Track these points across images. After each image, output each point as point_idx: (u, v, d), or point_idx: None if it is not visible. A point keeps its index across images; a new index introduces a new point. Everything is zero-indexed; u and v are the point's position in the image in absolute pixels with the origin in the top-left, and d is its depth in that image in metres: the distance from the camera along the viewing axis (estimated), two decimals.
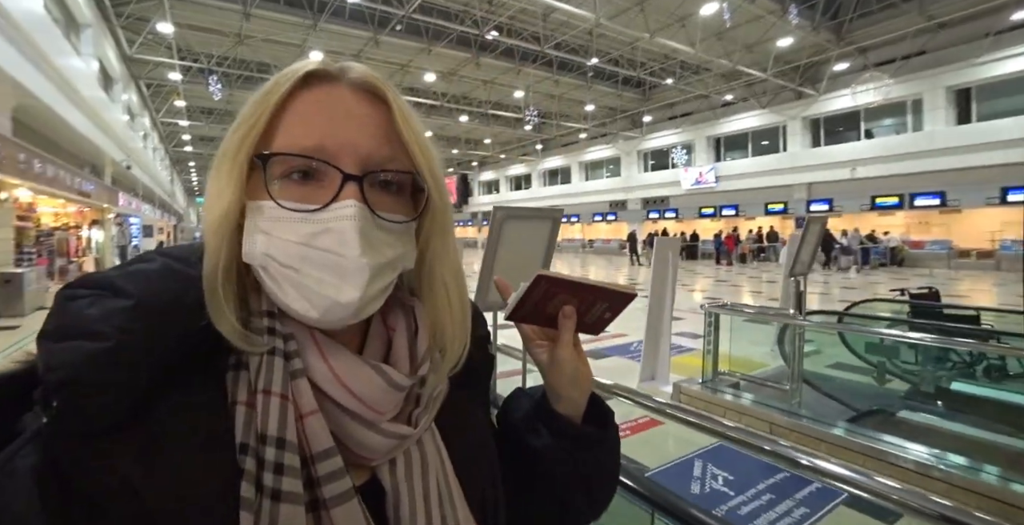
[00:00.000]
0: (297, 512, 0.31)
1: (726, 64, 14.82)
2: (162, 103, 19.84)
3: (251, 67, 16.00)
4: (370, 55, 16.06)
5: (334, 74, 0.38)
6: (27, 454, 0.30)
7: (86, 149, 11.62)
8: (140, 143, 17.05)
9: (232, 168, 0.36)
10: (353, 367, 0.36)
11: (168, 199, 27.89)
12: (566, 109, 22.73)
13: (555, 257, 12.33)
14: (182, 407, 0.32)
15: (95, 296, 0.31)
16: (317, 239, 0.34)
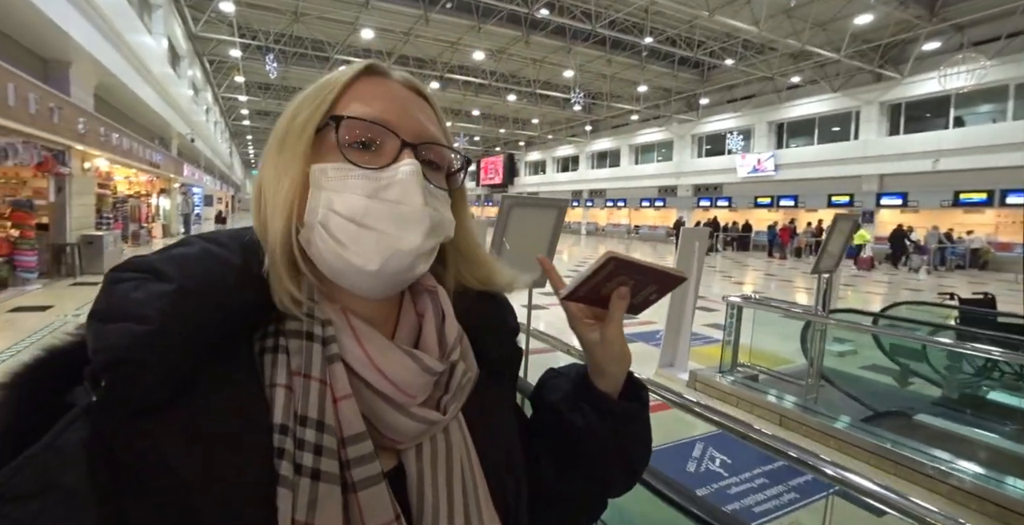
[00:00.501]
0: (333, 491, 0.33)
1: (794, 44, 13.88)
2: (223, 79, 21.04)
3: (306, 45, 16.61)
4: (420, 33, 16.27)
5: (385, 71, 0.43)
6: (76, 430, 0.32)
7: (155, 123, 12.63)
8: (203, 117, 18.25)
9: (299, 141, 0.38)
10: (387, 351, 0.38)
11: (227, 170, 29.75)
12: (618, 89, 22.12)
13: (599, 241, 12.59)
14: (221, 388, 0.34)
15: (140, 280, 0.33)
16: (381, 193, 0.37)
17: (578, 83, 19.56)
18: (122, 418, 0.31)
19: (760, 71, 17.33)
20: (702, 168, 22.45)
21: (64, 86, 6.82)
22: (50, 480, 0.30)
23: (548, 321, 5.51)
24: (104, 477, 0.31)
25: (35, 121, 5.32)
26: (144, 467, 0.31)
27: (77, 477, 0.30)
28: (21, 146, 5.38)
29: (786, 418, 2.92)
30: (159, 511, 0.31)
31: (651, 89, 21.53)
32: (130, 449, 0.31)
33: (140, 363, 0.31)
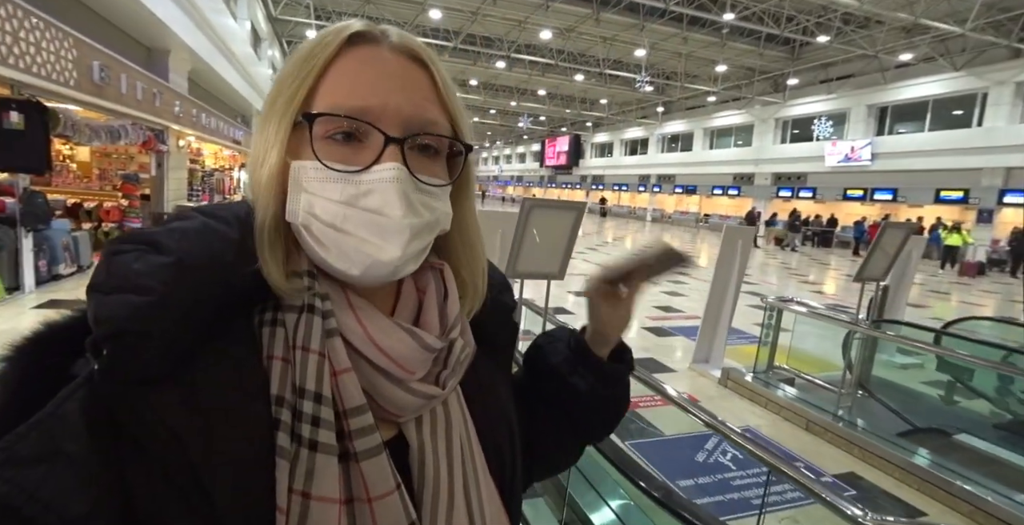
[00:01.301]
0: (331, 462, 0.34)
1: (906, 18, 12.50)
2: None
3: None
4: (487, 12, 16.40)
5: (377, 36, 0.40)
6: (78, 399, 0.33)
7: (237, 102, 13.88)
8: None
9: (279, 127, 0.38)
10: (386, 328, 0.38)
11: None
12: (694, 68, 21.09)
13: (664, 229, 12.60)
14: (221, 359, 0.35)
15: (139, 252, 0.34)
16: (360, 200, 0.36)
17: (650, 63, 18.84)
18: (124, 388, 0.32)
19: (862, 48, 15.77)
20: (785, 155, 21.00)
21: (164, 72, 7.75)
22: (54, 446, 0.31)
23: None
24: (106, 444, 0.32)
25: (141, 105, 6.17)
26: (147, 435, 0.32)
27: (80, 444, 0.31)
28: (131, 127, 6.27)
29: (812, 423, 2.93)
30: (162, 477, 0.32)
31: (732, 68, 20.31)
32: (132, 417, 0.32)
33: (140, 334, 0.32)
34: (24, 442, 0.31)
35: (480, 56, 20.50)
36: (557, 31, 17.52)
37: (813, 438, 2.89)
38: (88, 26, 5.81)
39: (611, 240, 16.24)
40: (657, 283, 0.55)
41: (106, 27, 6.43)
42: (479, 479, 0.42)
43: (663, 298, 6.63)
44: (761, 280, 9.13)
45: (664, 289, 7.23)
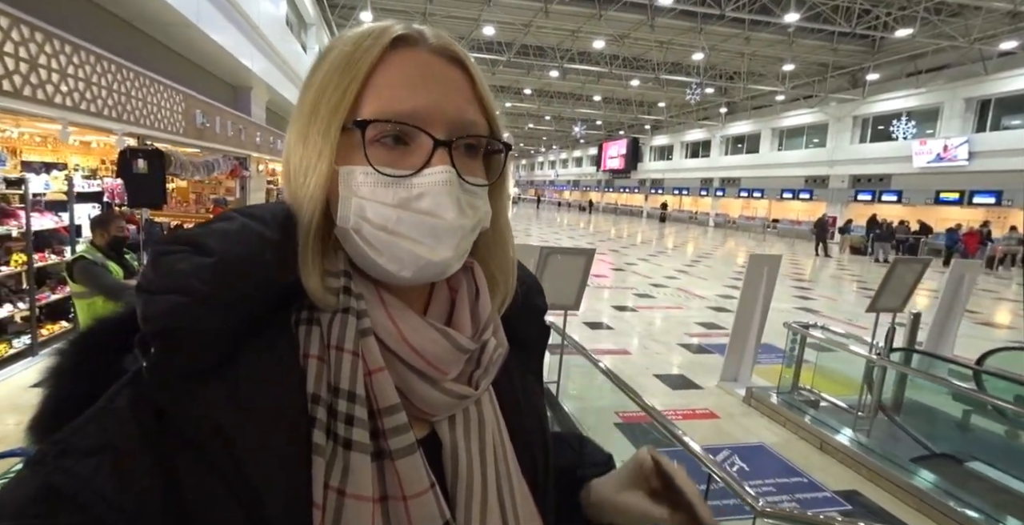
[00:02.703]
0: (365, 460, 0.36)
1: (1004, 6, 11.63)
2: None
3: None
4: (540, 24, 17.03)
5: (416, 39, 0.41)
6: (128, 394, 0.35)
7: None
8: None
9: (327, 135, 0.39)
10: (419, 329, 0.40)
11: None
12: (758, 67, 20.50)
13: (730, 236, 12.83)
14: (261, 358, 0.37)
15: (184, 253, 0.36)
16: (412, 203, 0.38)
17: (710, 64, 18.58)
18: (170, 383, 0.35)
19: (953, 38, 14.71)
20: (864, 156, 19.85)
21: (246, 107, 8.98)
22: (107, 439, 0.33)
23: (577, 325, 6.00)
24: (155, 437, 0.34)
25: (230, 141, 7.29)
26: (193, 428, 0.34)
27: (130, 436, 0.34)
28: (222, 159, 7.40)
29: (826, 444, 3.15)
30: (208, 469, 0.34)
31: (801, 65, 19.58)
32: (179, 411, 0.35)
33: (186, 331, 0.34)
34: (79, 435, 0.34)
35: (534, 67, 21.15)
36: (611, 38, 17.80)
37: (824, 457, 3.11)
38: (187, 74, 7.01)
39: (671, 247, 16.15)
40: None
41: (201, 73, 7.66)
42: (512, 478, 0.43)
43: (708, 314, 6.79)
44: (821, 295, 8.92)
45: (710, 304, 7.37)
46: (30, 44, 3.30)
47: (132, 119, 4.64)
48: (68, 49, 3.68)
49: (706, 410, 3.73)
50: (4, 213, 3.96)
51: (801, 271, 12.09)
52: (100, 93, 4.11)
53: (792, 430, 3.41)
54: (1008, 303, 9.32)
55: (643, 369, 4.53)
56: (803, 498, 2.68)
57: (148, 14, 5.26)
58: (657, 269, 10.78)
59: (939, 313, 4.38)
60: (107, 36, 5.01)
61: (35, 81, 3.38)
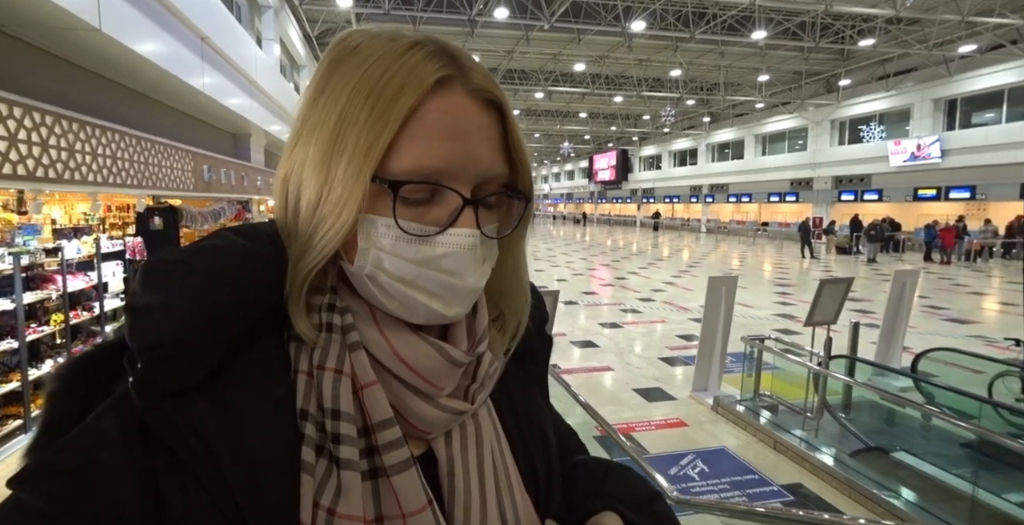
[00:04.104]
0: (355, 478, 0.35)
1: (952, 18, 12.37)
2: None
3: None
4: (522, 50, 17.81)
5: (455, 78, 0.39)
6: (115, 413, 0.35)
7: None
8: None
9: (356, 184, 0.37)
10: (412, 343, 0.40)
11: None
12: (735, 78, 21.30)
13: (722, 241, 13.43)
14: (252, 374, 0.37)
15: (170, 271, 0.36)
16: (435, 262, 0.38)
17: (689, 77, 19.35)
18: (157, 399, 0.34)
19: (914, 45, 15.47)
20: (844, 157, 20.54)
21: (246, 153, 9.58)
22: (89, 458, 0.33)
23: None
24: (141, 454, 0.34)
25: (234, 188, 7.85)
26: (180, 445, 0.34)
27: (115, 455, 0.33)
28: (227, 206, 7.96)
29: (779, 443, 3.59)
30: (195, 487, 0.33)
31: (777, 74, 20.37)
32: (166, 428, 0.34)
33: (171, 347, 0.33)
34: (62, 454, 0.34)
35: (519, 90, 21.93)
36: (591, 59, 18.59)
37: (777, 456, 3.55)
38: (192, 129, 7.60)
39: (661, 257, 16.66)
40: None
41: (204, 127, 8.26)
42: (514, 494, 0.42)
43: (689, 326, 7.24)
44: (800, 300, 9.37)
45: (693, 316, 7.83)
46: (68, 135, 3.85)
47: (150, 183, 5.19)
48: (97, 132, 4.23)
49: (677, 419, 4.18)
50: (44, 279, 4.47)
51: (785, 275, 12.55)
52: (124, 166, 4.66)
53: (751, 433, 3.85)
54: (975, 297, 9.76)
55: (624, 384, 4.98)
56: (752, 492, 3.13)
57: (160, 86, 5.84)
58: (647, 282, 11.24)
59: (886, 319, 4.85)
60: (122, 107, 5.59)
61: (72, 165, 3.92)
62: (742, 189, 26.21)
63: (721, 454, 3.62)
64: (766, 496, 3.10)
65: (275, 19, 10.65)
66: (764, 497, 3.09)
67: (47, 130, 3.61)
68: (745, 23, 15.04)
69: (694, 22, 14.63)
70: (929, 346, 5.14)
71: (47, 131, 3.61)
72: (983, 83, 16.00)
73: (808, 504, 2.98)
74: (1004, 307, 8.88)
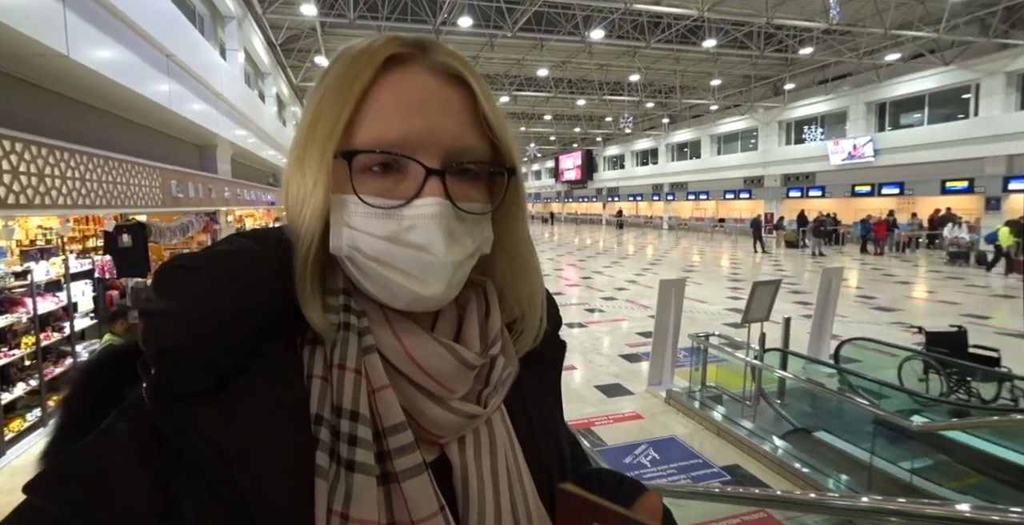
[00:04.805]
0: (369, 483, 0.35)
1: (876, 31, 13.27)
2: None
3: None
4: (487, 56, 17.97)
5: (412, 56, 0.39)
6: (129, 419, 0.35)
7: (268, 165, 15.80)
8: None
9: (321, 163, 0.38)
10: (424, 345, 0.39)
11: None
12: (691, 82, 22.06)
13: (682, 237, 13.93)
14: (264, 378, 0.36)
15: (182, 276, 0.36)
16: (402, 236, 0.38)
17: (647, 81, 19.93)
18: (170, 405, 0.34)
19: (847, 53, 16.49)
20: (791, 156, 21.60)
21: (213, 164, 9.46)
22: (103, 464, 0.33)
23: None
24: (154, 460, 0.34)
25: (202, 201, 7.78)
26: (191, 450, 0.34)
27: (128, 460, 0.33)
28: (195, 219, 7.88)
29: (722, 430, 3.97)
30: (208, 493, 0.33)
31: (729, 77, 21.21)
32: (178, 433, 0.34)
33: (182, 351, 0.34)
34: (75, 461, 0.34)
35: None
36: (553, 64, 18.93)
37: (720, 441, 3.93)
38: (158, 142, 7.50)
39: (632, 252, 17.22)
40: None
41: (170, 140, 8.15)
42: (528, 501, 0.41)
43: (648, 323, 7.61)
44: None
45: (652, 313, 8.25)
46: (38, 160, 3.86)
47: (118, 202, 5.17)
48: (66, 155, 4.23)
49: (633, 412, 4.52)
50: (13, 302, 4.44)
51: (738, 271, 13.21)
52: (92, 186, 4.65)
53: (699, 422, 4.22)
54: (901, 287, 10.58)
55: (586, 382, 5.30)
56: (696, 474, 3.48)
57: (123, 102, 5.80)
58: (610, 281, 11.65)
59: (816, 312, 5.34)
60: (87, 125, 5.54)
61: (43, 190, 3.92)
62: (700, 187, 27.15)
63: (671, 442, 3.97)
64: (707, 477, 3.45)
65: (239, 29, 10.50)
66: (705, 478, 3.44)
67: (17, 157, 3.62)
68: (697, 32, 15.66)
69: (649, 30, 15.13)
70: (858, 334, 5.68)
71: (17, 158, 3.62)
72: (907, 88, 17.21)
73: (743, 482, 3.35)
74: (923, 295, 9.70)
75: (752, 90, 21.59)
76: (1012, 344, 6.10)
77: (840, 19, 12.34)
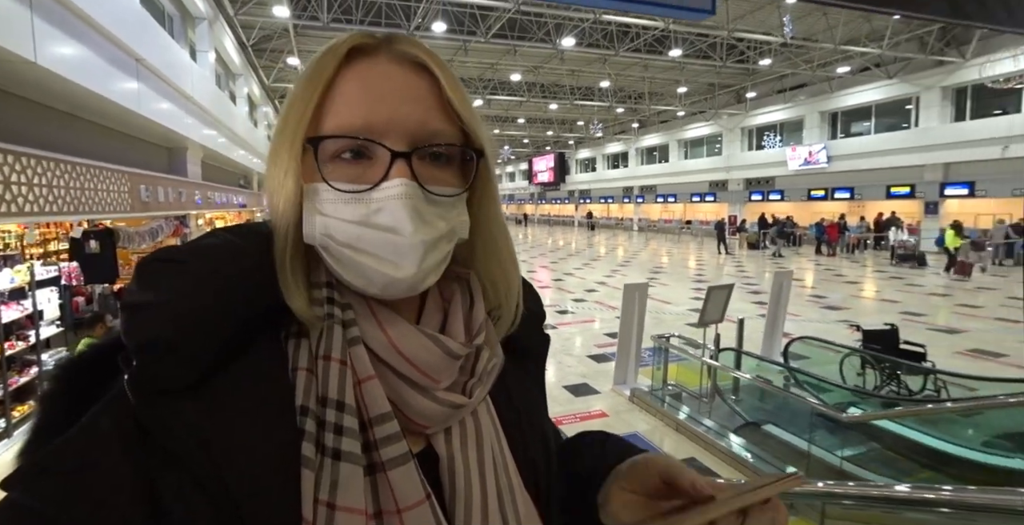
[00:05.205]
0: (356, 472, 0.35)
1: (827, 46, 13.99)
2: None
3: None
4: (461, 60, 18.03)
5: (376, 46, 0.40)
6: (111, 413, 0.35)
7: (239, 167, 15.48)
8: None
9: (291, 154, 0.39)
10: (409, 335, 0.40)
11: None
12: (659, 88, 22.63)
13: (651, 239, 14.54)
14: (249, 371, 0.36)
15: (167, 269, 0.36)
16: (371, 218, 0.38)
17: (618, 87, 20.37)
18: (153, 398, 0.34)
19: (802, 65, 17.28)
20: (752, 162, 22.44)
21: (182, 167, 9.27)
22: (86, 459, 0.33)
23: None
24: (138, 455, 0.33)
25: (172, 205, 7.64)
26: (176, 444, 0.33)
27: (112, 455, 0.33)
28: (164, 223, 7.72)
29: (680, 425, 4.21)
30: (193, 486, 0.33)
31: (695, 85, 21.87)
32: (162, 427, 0.34)
33: (165, 345, 0.33)
34: (57, 456, 0.33)
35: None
36: (526, 69, 19.15)
37: (679, 436, 4.17)
38: (127, 146, 7.33)
39: (603, 254, 17.59)
40: None
41: (139, 143, 7.97)
42: (514, 491, 0.42)
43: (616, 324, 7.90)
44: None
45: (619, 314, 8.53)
46: (4, 167, 3.79)
47: (86, 208, 5.08)
48: (32, 162, 4.16)
49: (599, 411, 4.73)
50: None
51: (702, 272, 13.69)
52: (60, 193, 4.57)
53: (660, 418, 4.46)
54: (849, 286, 11.20)
55: (555, 383, 5.48)
56: None
57: (92, 106, 5.68)
58: (581, 283, 11.91)
59: (768, 313, 5.68)
60: (55, 130, 5.41)
61: (8, 197, 3.85)
62: (668, 190, 27.86)
63: (634, 439, 4.18)
64: None
65: (209, 30, 10.30)
66: None
67: None
68: (664, 41, 16.11)
69: (618, 39, 15.50)
70: (809, 332, 6.06)
71: None
72: (857, 99, 18.18)
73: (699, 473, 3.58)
74: (868, 294, 10.31)
75: (716, 97, 22.33)
76: (941, 339, 6.61)
77: (794, 34, 12.98)
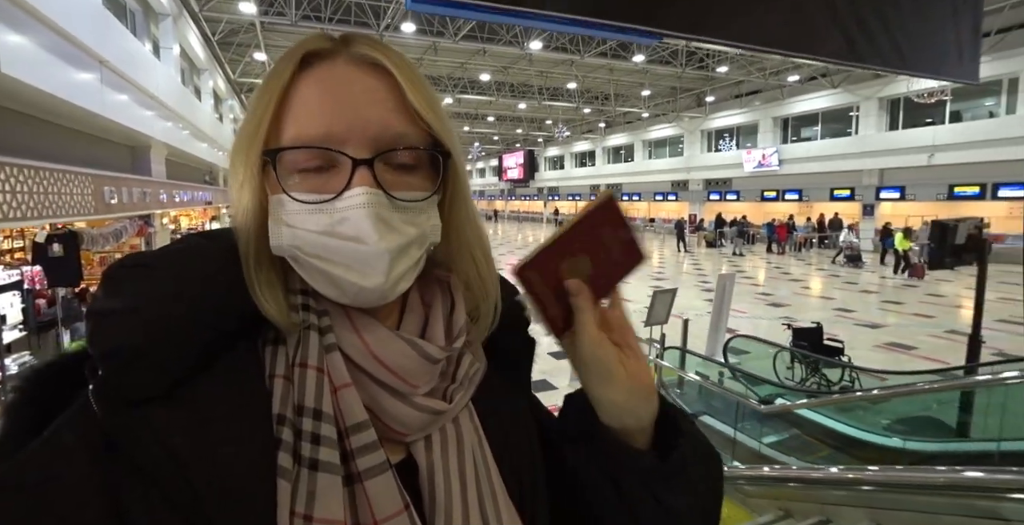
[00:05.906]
0: (334, 482, 0.33)
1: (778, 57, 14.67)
2: None
3: None
4: (431, 59, 17.96)
5: (333, 50, 0.38)
6: (75, 425, 0.33)
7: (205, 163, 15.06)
8: None
9: (246, 167, 0.38)
10: (386, 340, 0.38)
11: None
12: (625, 90, 23.11)
13: None
14: (224, 380, 0.35)
15: (134, 274, 0.34)
16: (335, 229, 0.36)
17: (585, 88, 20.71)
18: (121, 408, 0.32)
19: (752, 74, 18.07)
20: (711, 163, 23.26)
21: (146, 166, 9.04)
22: (49, 472, 0.31)
23: None
24: (104, 466, 0.32)
25: (136, 206, 7.48)
26: (144, 456, 0.32)
27: (76, 468, 0.31)
28: (128, 223, 7.56)
29: None
30: (161, 500, 0.31)
31: (658, 88, 22.43)
32: (129, 438, 0.32)
33: (132, 352, 0.32)
34: (18, 470, 0.32)
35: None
36: (496, 69, 19.24)
37: None
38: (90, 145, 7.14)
39: None
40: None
41: (102, 142, 7.75)
42: (497, 500, 0.40)
43: None
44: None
45: None
46: None
47: (50, 212, 4.99)
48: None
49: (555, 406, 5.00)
50: None
51: (662, 269, 14.24)
52: (23, 198, 4.50)
53: None
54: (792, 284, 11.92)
55: None
56: None
57: (59, 111, 5.54)
58: None
59: (713, 312, 6.09)
60: (15, 132, 5.26)
61: None
62: (633, 189, 28.54)
63: None
64: None
65: (173, 26, 10.00)
66: None
67: None
68: (628, 47, 16.51)
69: (584, 43, 15.81)
70: (752, 329, 6.53)
71: None
72: (805, 106, 19.13)
73: None
74: (809, 292, 11.03)
75: (678, 101, 22.99)
76: (865, 333, 7.23)
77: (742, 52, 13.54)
